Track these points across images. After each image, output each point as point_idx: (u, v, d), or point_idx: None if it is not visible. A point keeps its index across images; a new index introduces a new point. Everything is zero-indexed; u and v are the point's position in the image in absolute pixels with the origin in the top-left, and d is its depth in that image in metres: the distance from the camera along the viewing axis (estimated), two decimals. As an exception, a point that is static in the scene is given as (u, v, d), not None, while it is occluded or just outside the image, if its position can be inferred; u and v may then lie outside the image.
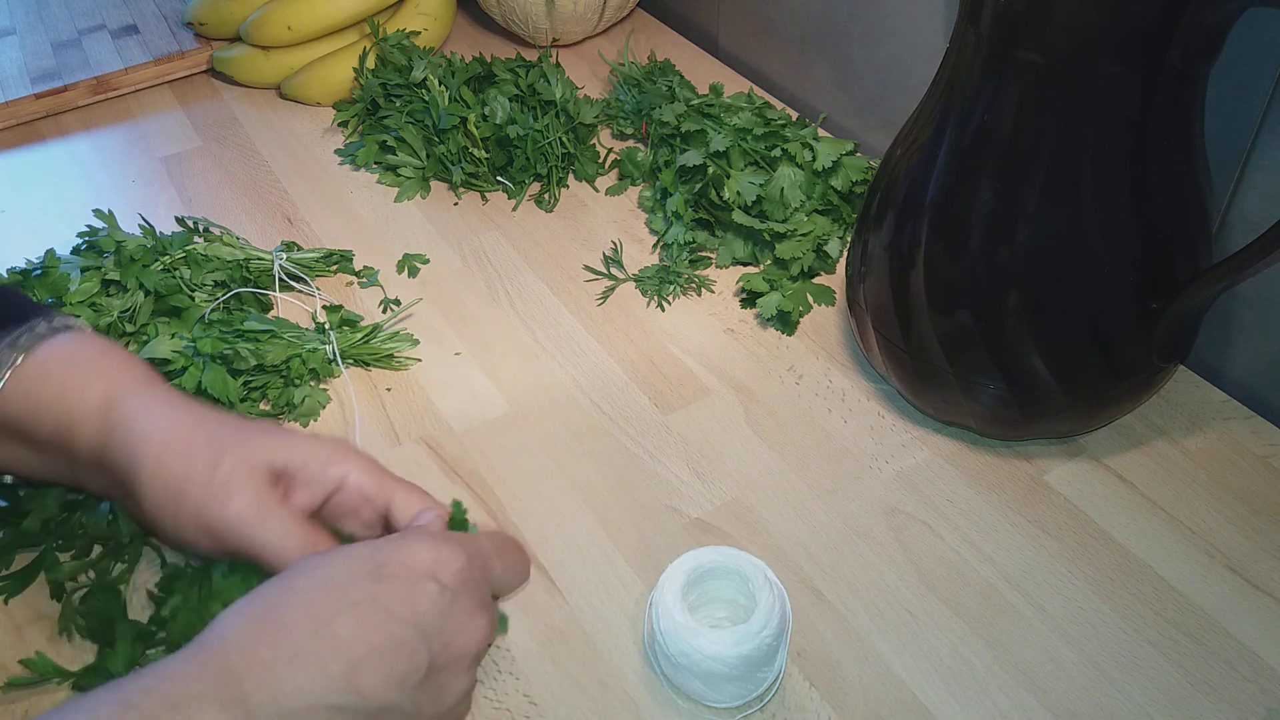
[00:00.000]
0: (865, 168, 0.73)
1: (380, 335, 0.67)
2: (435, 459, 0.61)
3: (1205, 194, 0.53)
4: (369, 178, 0.83)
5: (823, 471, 0.59)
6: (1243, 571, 0.54)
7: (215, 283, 0.68)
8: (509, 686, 0.50)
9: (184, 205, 0.81)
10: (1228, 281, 0.50)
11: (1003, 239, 0.52)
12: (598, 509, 0.58)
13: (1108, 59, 0.47)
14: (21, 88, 0.92)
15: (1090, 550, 0.55)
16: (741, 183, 0.71)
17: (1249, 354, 0.63)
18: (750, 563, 0.49)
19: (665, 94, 0.83)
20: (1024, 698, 0.49)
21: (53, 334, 0.51)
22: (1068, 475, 0.59)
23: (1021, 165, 0.50)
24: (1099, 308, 0.52)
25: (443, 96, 0.81)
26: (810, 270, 0.70)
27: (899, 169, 0.56)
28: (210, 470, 0.46)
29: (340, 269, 0.74)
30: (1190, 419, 0.61)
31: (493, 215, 0.79)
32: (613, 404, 0.64)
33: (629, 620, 0.52)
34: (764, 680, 0.48)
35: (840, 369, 0.66)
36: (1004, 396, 0.55)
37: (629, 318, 0.70)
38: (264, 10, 0.91)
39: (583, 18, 0.95)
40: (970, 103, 0.51)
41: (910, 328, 0.56)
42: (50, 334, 0.51)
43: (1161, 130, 0.49)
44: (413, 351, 0.68)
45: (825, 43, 0.85)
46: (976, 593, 0.53)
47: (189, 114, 0.92)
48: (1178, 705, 0.48)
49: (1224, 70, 0.55)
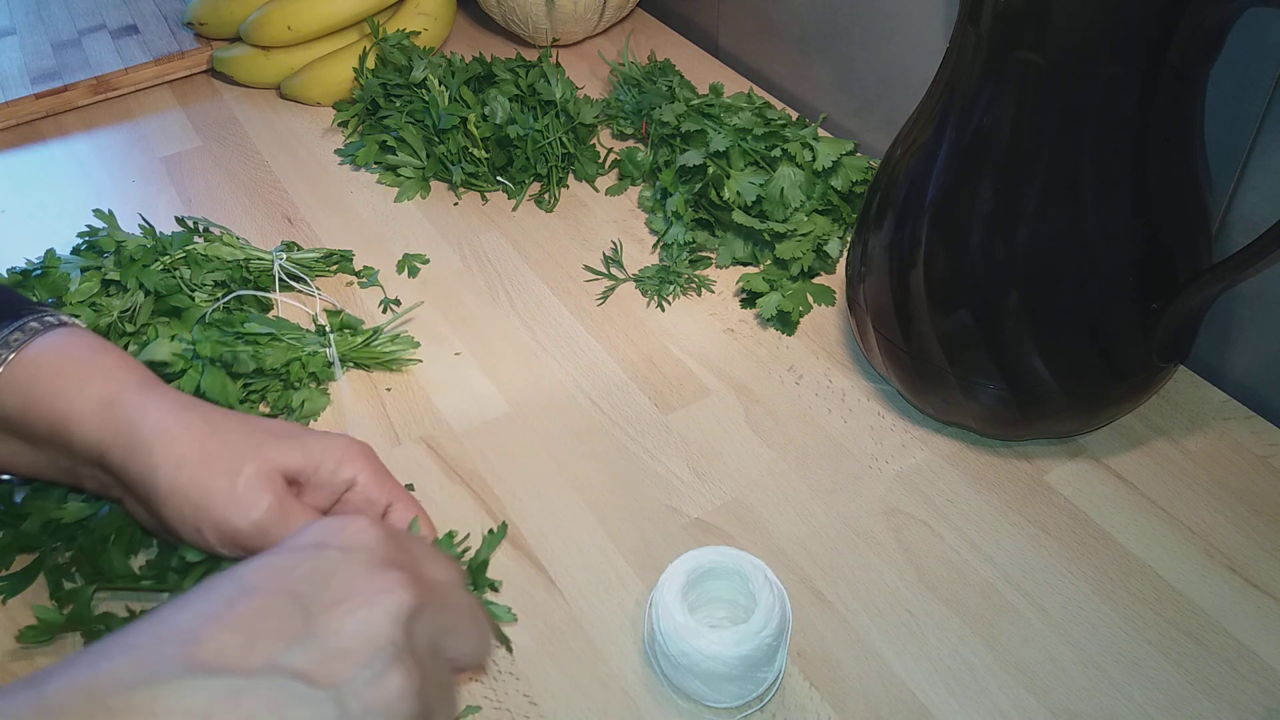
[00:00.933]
0: (865, 168, 0.73)
1: (381, 339, 0.67)
2: (435, 459, 0.61)
3: (1205, 194, 0.53)
4: (369, 178, 0.83)
5: (823, 471, 0.59)
6: (1243, 571, 0.54)
7: (215, 283, 0.68)
8: (509, 687, 0.50)
9: (184, 205, 0.81)
10: (1228, 281, 0.50)
11: (1003, 239, 0.52)
12: (598, 509, 0.58)
13: (1108, 59, 0.47)
14: (21, 88, 0.92)
15: (1090, 550, 0.55)
16: (741, 183, 0.71)
17: (1249, 354, 0.63)
18: (750, 563, 0.49)
19: (665, 94, 0.83)
20: (1024, 698, 0.49)
21: (46, 330, 0.51)
22: (1068, 475, 0.59)
23: (1021, 165, 0.50)
24: (1099, 308, 0.52)
25: (443, 96, 0.81)
26: (810, 270, 0.70)
27: (899, 169, 0.55)
28: (232, 481, 0.46)
29: (340, 269, 0.74)
30: (1190, 419, 0.61)
31: (493, 215, 0.79)
32: (613, 404, 0.64)
33: (629, 620, 0.52)
34: (764, 680, 0.48)
35: (840, 369, 0.66)
36: (1004, 396, 0.55)
37: (629, 318, 0.70)
38: (264, 10, 0.91)
39: (583, 17, 0.95)
40: (970, 103, 0.51)
41: (910, 328, 0.56)
42: (44, 330, 0.51)
43: (1161, 130, 0.49)
44: (413, 353, 0.67)
45: (825, 43, 0.85)
46: (976, 593, 0.53)
47: (189, 114, 0.92)
48: (1178, 705, 0.48)
49: (1224, 70, 0.55)
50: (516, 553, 0.56)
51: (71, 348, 0.50)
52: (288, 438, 0.49)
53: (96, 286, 0.66)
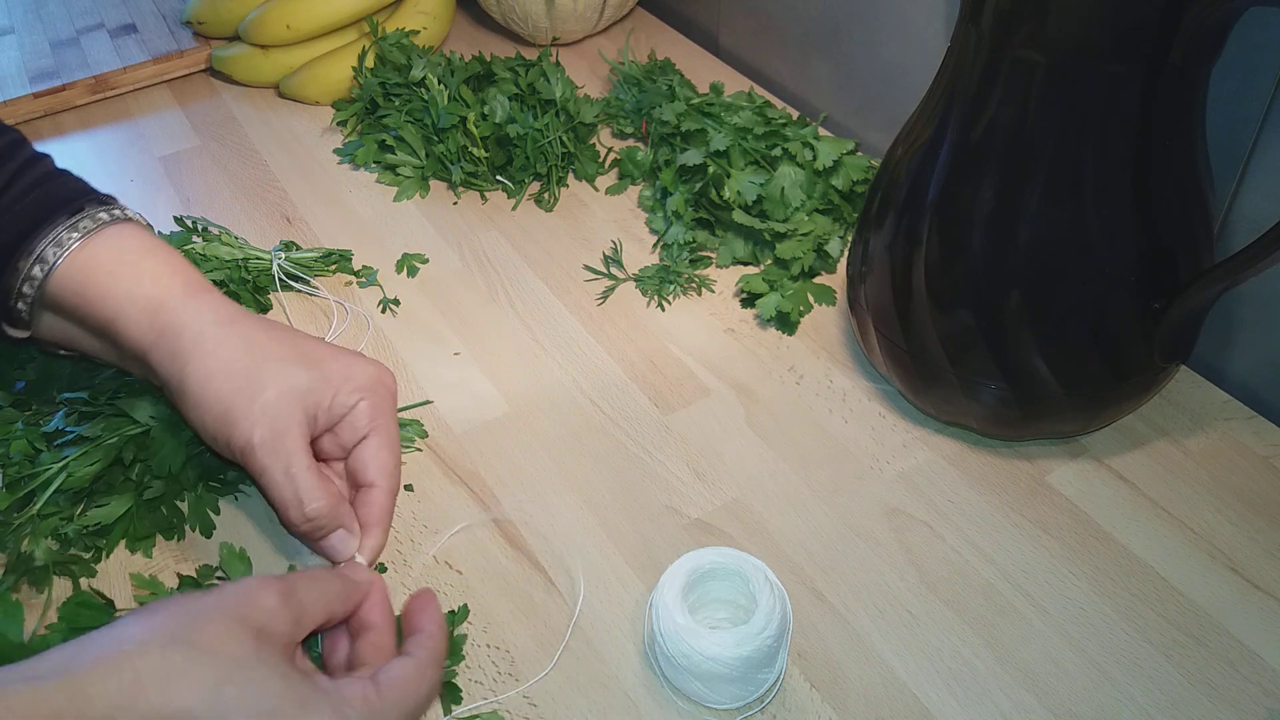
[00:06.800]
0: (866, 167, 0.72)
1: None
2: (435, 459, 0.61)
3: (1207, 193, 0.53)
4: (368, 177, 0.83)
5: (823, 472, 0.59)
6: (1244, 572, 0.53)
7: (214, 282, 0.68)
8: (509, 688, 0.50)
9: (182, 205, 0.81)
10: (1230, 281, 0.50)
11: (1004, 238, 0.52)
12: (597, 509, 0.57)
13: (1109, 58, 0.47)
14: (20, 87, 0.91)
15: (1092, 551, 0.55)
16: (742, 182, 0.71)
17: (1251, 354, 0.63)
18: (751, 563, 0.49)
19: (665, 93, 0.83)
20: (1025, 698, 0.49)
21: (99, 227, 0.54)
22: (1069, 476, 0.59)
23: (1023, 164, 0.50)
24: (1100, 308, 0.52)
25: (442, 95, 0.80)
26: (811, 270, 0.70)
27: (900, 168, 0.55)
28: (251, 401, 0.50)
29: (339, 268, 0.74)
30: (1192, 419, 0.61)
31: (492, 215, 0.79)
32: (613, 404, 0.64)
33: (629, 621, 0.52)
34: (764, 681, 0.48)
35: (841, 369, 0.65)
36: (1005, 397, 0.55)
37: (629, 317, 0.70)
38: (263, 9, 0.91)
39: (583, 16, 0.95)
40: (971, 102, 0.51)
41: (911, 328, 0.56)
42: (96, 227, 0.54)
43: (1163, 130, 0.49)
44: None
45: (826, 42, 0.85)
46: (978, 593, 0.53)
47: (187, 113, 0.92)
48: (1179, 706, 0.48)
49: (1226, 69, 0.55)
50: (516, 553, 0.55)
51: (123, 250, 0.53)
52: (313, 365, 0.52)
53: (95, 286, 0.66)
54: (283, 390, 0.50)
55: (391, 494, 0.53)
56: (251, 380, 0.50)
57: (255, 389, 0.50)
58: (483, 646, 0.51)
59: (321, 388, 0.52)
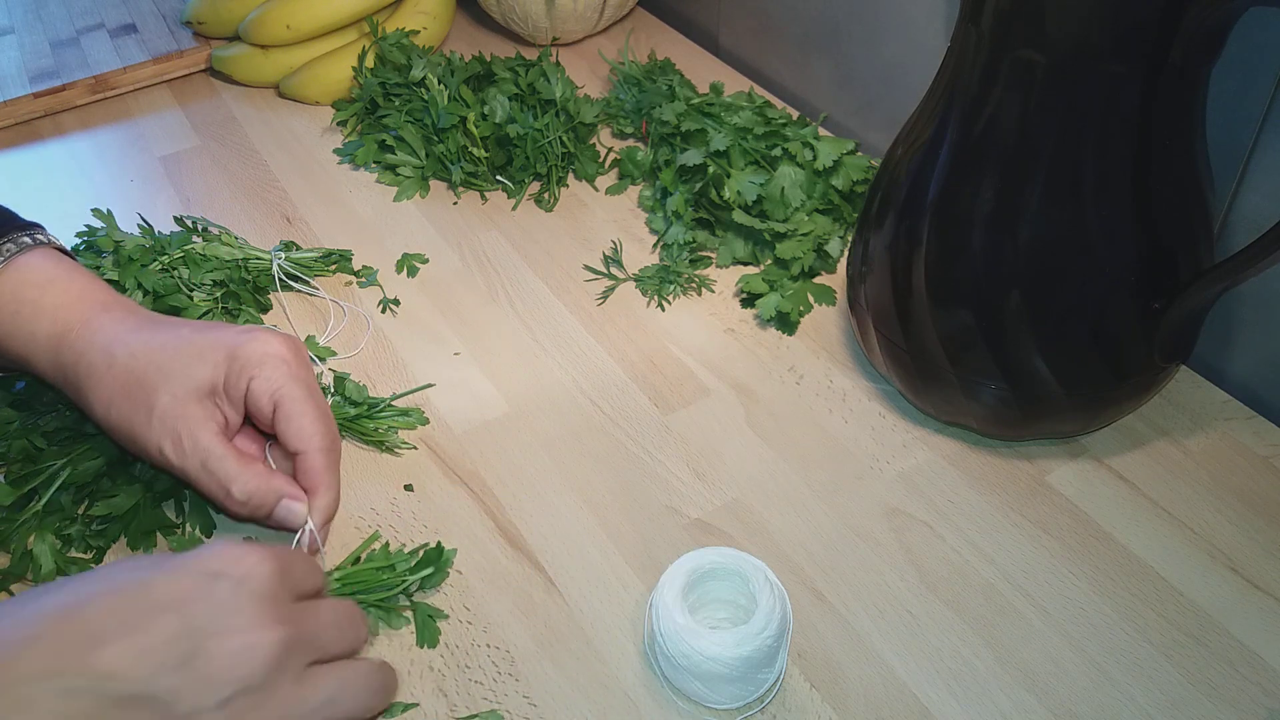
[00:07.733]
0: (866, 167, 0.72)
1: (389, 412, 0.62)
2: (435, 459, 0.61)
3: (1207, 193, 0.53)
4: (368, 177, 0.83)
5: (823, 472, 0.59)
6: (1244, 572, 0.53)
7: (214, 282, 0.68)
8: (508, 688, 0.50)
9: (182, 205, 0.81)
10: (1230, 281, 0.50)
11: (1004, 238, 0.52)
12: (597, 509, 0.57)
13: (1109, 58, 0.47)
14: (20, 87, 0.91)
15: (1092, 551, 0.55)
16: (742, 182, 0.71)
17: (1251, 354, 0.63)
18: (750, 563, 0.48)
19: (665, 93, 0.83)
20: (1025, 699, 0.49)
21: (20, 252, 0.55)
22: (1069, 476, 0.59)
23: (1023, 164, 0.50)
24: (1100, 308, 0.52)
25: (442, 95, 0.80)
26: (811, 270, 0.70)
27: (900, 168, 0.55)
28: (149, 416, 0.51)
29: (339, 268, 0.74)
30: (1192, 419, 0.61)
31: (492, 215, 0.79)
32: (613, 404, 0.64)
33: (629, 621, 0.52)
34: (764, 681, 0.48)
35: (841, 369, 0.65)
36: (1005, 397, 0.55)
37: (629, 317, 0.70)
38: (263, 9, 0.91)
39: (583, 16, 0.95)
40: (971, 102, 0.51)
41: (911, 328, 0.56)
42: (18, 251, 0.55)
43: (1163, 129, 0.49)
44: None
45: (826, 42, 0.85)
46: (978, 593, 0.53)
47: (187, 113, 0.92)
48: (1179, 706, 0.48)
49: (1226, 69, 0.55)
50: (516, 553, 0.55)
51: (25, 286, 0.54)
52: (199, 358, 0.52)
53: (95, 286, 0.66)
54: (175, 395, 0.51)
55: (323, 452, 0.53)
56: (145, 395, 0.51)
57: (149, 403, 0.51)
58: (483, 646, 0.51)
59: (212, 377, 0.52)
